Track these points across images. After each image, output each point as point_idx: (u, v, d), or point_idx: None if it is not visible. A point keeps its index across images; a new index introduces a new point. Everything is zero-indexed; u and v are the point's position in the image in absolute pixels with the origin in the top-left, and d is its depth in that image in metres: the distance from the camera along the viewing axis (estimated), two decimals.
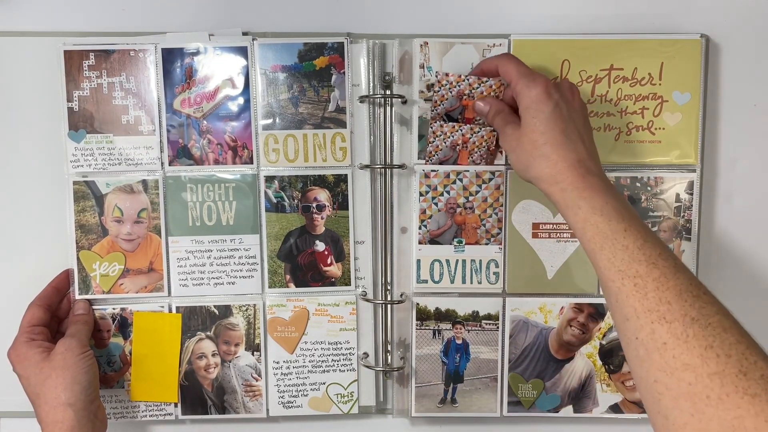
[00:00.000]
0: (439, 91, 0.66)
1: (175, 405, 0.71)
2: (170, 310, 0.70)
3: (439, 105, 0.67)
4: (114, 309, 0.71)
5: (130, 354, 0.71)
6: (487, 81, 0.65)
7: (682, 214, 0.69)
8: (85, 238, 0.69)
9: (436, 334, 0.70)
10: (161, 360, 0.71)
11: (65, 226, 0.69)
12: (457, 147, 0.67)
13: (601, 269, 0.51)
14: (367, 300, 0.70)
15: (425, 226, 0.69)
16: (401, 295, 0.70)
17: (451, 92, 0.66)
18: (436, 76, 0.65)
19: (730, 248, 0.71)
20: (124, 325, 0.71)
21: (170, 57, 0.68)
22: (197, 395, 0.71)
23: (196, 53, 0.68)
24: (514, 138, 0.60)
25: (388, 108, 0.68)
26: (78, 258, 0.70)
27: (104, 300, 0.70)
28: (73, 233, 0.69)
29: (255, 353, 0.71)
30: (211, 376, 0.71)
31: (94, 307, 0.70)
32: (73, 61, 0.68)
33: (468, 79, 0.65)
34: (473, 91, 0.66)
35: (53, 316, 0.69)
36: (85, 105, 0.69)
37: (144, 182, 0.69)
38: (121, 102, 0.69)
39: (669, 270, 0.48)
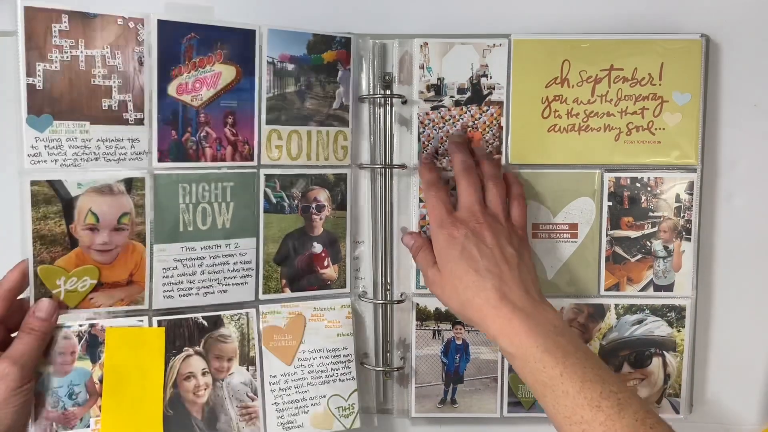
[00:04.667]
0: (443, 127, 0.67)
1: None
2: (151, 325, 0.62)
3: (446, 141, 0.68)
4: (81, 326, 0.59)
5: (100, 381, 0.59)
6: (488, 110, 0.67)
7: (682, 215, 0.69)
8: (46, 251, 0.57)
9: (436, 335, 0.70)
10: (140, 386, 0.60)
11: (19, 236, 0.57)
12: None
13: (549, 414, 0.53)
14: (367, 300, 0.70)
15: (425, 232, 0.69)
16: (401, 295, 0.70)
17: (455, 126, 0.67)
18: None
19: (730, 248, 0.71)
20: (93, 344, 0.59)
21: (167, 31, 0.59)
22: (185, 427, 0.62)
23: (199, 30, 0.60)
24: (438, 285, 0.61)
25: (388, 108, 0.68)
26: (36, 273, 0.57)
27: (69, 316, 0.59)
28: (30, 246, 0.57)
29: (250, 368, 0.65)
30: (201, 400, 0.63)
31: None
32: (38, 21, 0.55)
33: (470, 111, 0.66)
34: (476, 122, 0.67)
35: (19, 308, 0.58)
36: (54, 82, 0.56)
37: (128, 181, 0.60)
38: (102, 82, 0.58)
39: (613, 410, 0.49)
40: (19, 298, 0.58)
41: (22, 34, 0.55)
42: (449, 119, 0.68)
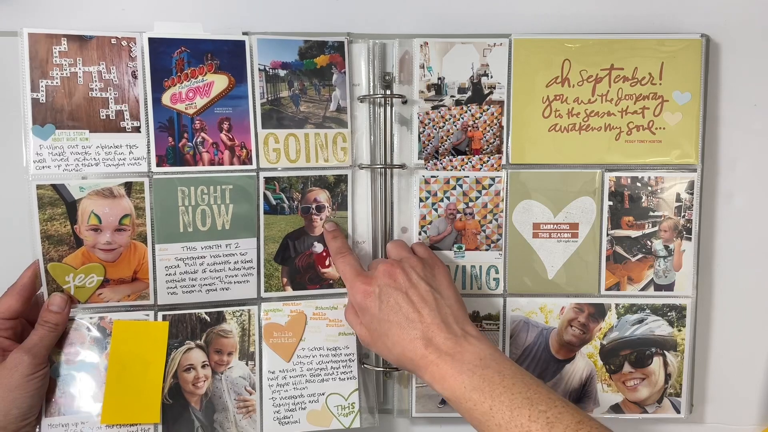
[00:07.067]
0: (443, 126, 0.66)
1: (155, 426, 0.65)
2: (156, 319, 0.65)
3: (446, 140, 0.67)
4: (91, 318, 0.64)
5: (105, 370, 0.64)
6: (488, 109, 0.67)
7: (682, 214, 0.69)
8: (54, 250, 0.62)
9: None
10: (142, 374, 0.64)
11: (29, 237, 0.62)
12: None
13: None
14: None
15: (425, 232, 0.69)
16: None
17: (455, 125, 0.66)
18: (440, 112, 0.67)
19: (730, 248, 0.71)
20: (101, 336, 0.64)
21: (158, 47, 0.63)
22: (183, 416, 0.65)
23: (188, 45, 0.64)
24: (370, 344, 0.62)
25: (389, 108, 0.68)
26: (47, 270, 0.62)
27: (80, 309, 0.64)
28: (39, 246, 0.62)
29: (249, 363, 0.67)
30: (200, 391, 0.66)
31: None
32: (40, 45, 0.60)
33: (470, 110, 0.66)
34: (477, 121, 0.67)
35: (36, 305, 0.63)
36: (55, 96, 0.61)
37: (127, 185, 0.63)
38: (99, 94, 0.62)
39: (543, 431, 0.50)
40: (36, 295, 0.63)
41: (27, 56, 0.61)
42: (449, 118, 0.68)
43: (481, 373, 0.54)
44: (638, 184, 0.69)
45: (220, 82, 0.65)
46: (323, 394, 0.68)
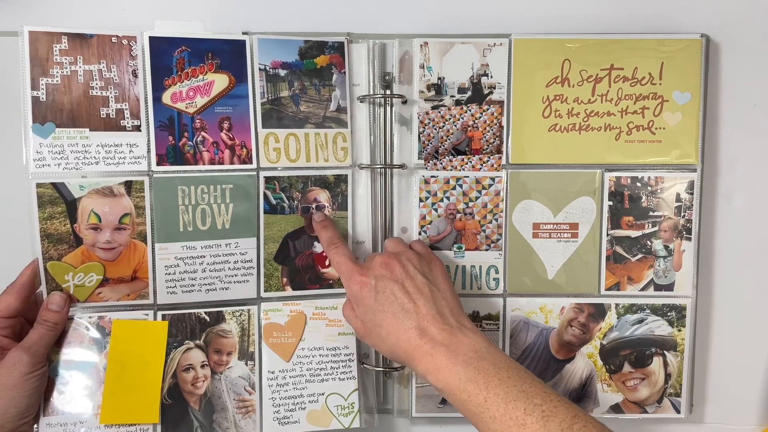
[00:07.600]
0: (443, 126, 0.66)
1: (154, 426, 0.65)
2: (155, 319, 0.65)
3: (446, 140, 0.67)
4: (90, 318, 0.64)
5: (104, 370, 0.64)
6: (488, 109, 0.67)
7: (682, 214, 0.69)
8: (53, 249, 0.62)
9: None
10: (141, 374, 0.64)
11: (28, 236, 0.62)
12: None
13: None
14: None
15: (425, 232, 0.69)
16: None
17: (455, 125, 0.66)
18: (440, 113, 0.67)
19: (730, 248, 0.71)
20: (100, 335, 0.64)
21: (158, 46, 0.63)
22: (181, 416, 0.65)
23: (189, 44, 0.64)
24: (365, 337, 0.62)
25: (388, 108, 0.68)
26: (46, 269, 0.62)
27: (79, 308, 0.64)
28: (39, 245, 0.62)
29: (249, 363, 0.67)
30: (199, 391, 0.66)
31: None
32: (41, 43, 0.60)
33: (470, 110, 0.66)
34: (477, 121, 0.67)
35: (35, 303, 0.63)
36: (55, 94, 0.61)
37: (127, 184, 0.63)
38: (99, 93, 0.62)
39: (539, 425, 0.49)
40: (35, 294, 0.63)
41: (27, 54, 0.61)
42: (449, 118, 0.68)
43: (476, 365, 0.53)
44: (638, 184, 0.69)
45: (220, 82, 0.65)
46: (323, 394, 0.68)
